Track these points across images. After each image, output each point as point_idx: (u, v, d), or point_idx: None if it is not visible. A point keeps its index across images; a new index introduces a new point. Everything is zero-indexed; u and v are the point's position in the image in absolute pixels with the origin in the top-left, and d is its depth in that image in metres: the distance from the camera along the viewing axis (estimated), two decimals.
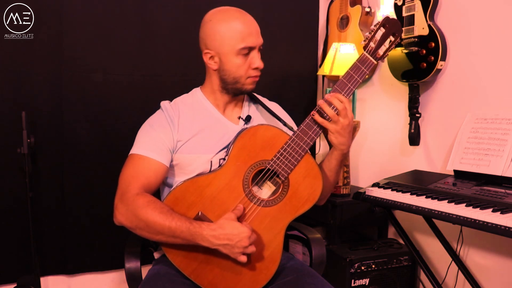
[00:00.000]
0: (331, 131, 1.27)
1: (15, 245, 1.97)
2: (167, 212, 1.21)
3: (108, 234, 2.10)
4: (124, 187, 1.27)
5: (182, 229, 1.18)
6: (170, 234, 1.19)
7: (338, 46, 2.21)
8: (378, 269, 1.99)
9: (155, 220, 1.19)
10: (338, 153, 1.32)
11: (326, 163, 1.38)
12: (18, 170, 1.89)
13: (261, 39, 1.34)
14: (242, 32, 1.29)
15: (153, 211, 1.20)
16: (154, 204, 1.23)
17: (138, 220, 1.22)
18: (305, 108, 2.47)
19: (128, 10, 2.07)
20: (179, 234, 1.18)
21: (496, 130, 1.64)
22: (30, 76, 1.94)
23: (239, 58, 1.32)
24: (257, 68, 1.34)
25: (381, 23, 1.28)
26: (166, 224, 1.19)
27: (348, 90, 1.28)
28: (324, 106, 1.26)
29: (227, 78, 1.35)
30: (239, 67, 1.33)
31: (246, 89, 1.38)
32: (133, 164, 1.30)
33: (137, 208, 1.22)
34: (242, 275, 1.26)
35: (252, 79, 1.36)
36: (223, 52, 1.32)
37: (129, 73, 2.09)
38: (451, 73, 1.93)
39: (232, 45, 1.30)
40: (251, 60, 1.33)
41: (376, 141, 2.30)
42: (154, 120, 1.39)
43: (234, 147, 1.29)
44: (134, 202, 1.23)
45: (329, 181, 1.38)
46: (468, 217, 1.36)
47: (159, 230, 1.20)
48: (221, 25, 1.31)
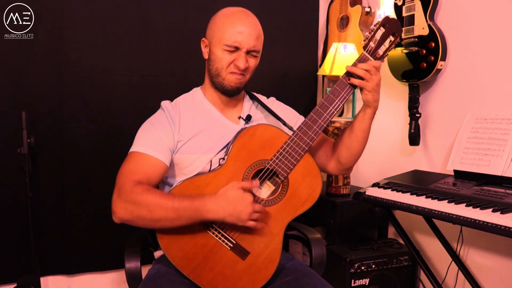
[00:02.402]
0: (368, 90, 1.27)
1: (15, 245, 1.97)
2: (167, 195, 1.21)
3: (108, 234, 2.10)
4: (122, 182, 1.25)
5: (185, 206, 1.18)
6: (174, 215, 1.18)
7: (338, 46, 2.21)
8: (378, 269, 1.99)
9: (157, 202, 1.18)
10: (372, 111, 1.32)
11: (358, 125, 1.36)
12: (18, 170, 1.89)
13: (252, 43, 1.32)
14: (233, 29, 1.30)
15: (153, 195, 1.20)
16: (153, 189, 1.23)
17: (138, 208, 1.20)
18: (305, 108, 2.47)
19: (128, 10, 2.07)
20: (183, 213, 1.18)
21: (496, 130, 1.64)
22: (30, 76, 1.94)
23: (224, 53, 1.32)
24: (238, 67, 1.33)
25: (381, 23, 1.28)
26: (169, 204, 1.18)
27: (348, 89, 1.29)
28: (353, 69, 1.26)
29: (212, 68, 1.37)
30: (221, 60, 1.33)
31: (228, 85, 1.36)
32: (132, 161, 1.30)
33: (136, 195, 1.20)
34: (241, 274, 1.26)
35: (233, 75, 1.35)
36: (212, 42, 1.35)
37: (129, 73, 2.10)
38: (451, 73, 1.93)
39: (219, 38, 1.32)
40: (236, 58, 1.32)
41: (376, 141, 2.30)
42: (155, 119, 1.39)
43: (233, 147, 1.29)
44: (132, 192, 1.21)
45: (362, 143, 1.38)
46: (468, 217, 1.36)
47: (161, 213, 1.18)
48: (220, 18, 1.35)
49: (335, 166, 1.45)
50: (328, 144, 1.48)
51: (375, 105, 1.32)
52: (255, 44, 1.33)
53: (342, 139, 1.41)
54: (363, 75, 1.26)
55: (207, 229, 1.25)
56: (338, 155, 1.42)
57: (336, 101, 1.29)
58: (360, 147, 1.39)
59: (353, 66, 1.27)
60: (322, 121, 1.28)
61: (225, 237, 1.25)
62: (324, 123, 1.28)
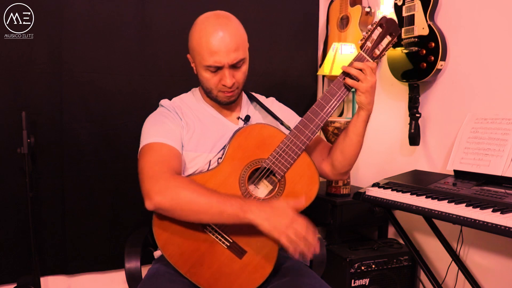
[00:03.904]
0: (361, 91, 1.27)
1: (15, 245, 1.97)
2: (209, 190, 1.18)
3: (108, 234, 2.11)
4: (152, 172, 1.19)
5: (231, 202, 1.15)
6: (217, 210, 1.14)
7: (338, 46, 2.21)
8: (378, 269, 1.99)
9: (203, 195, 1.16)
10: (365, 113, 1.32)
11: (352, 128, 1.35)
12: (18, 170, 1.89)
13: (232, 57, 1.26)
14: (209, 49, 1.25)
15: (198, 188, 1.17)
16: (195, 182, 1.20)
17: (179, 198, 1.15)
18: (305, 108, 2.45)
19: (128, 10, 2.07)
20: (228, 208, 1.14)
21: (496, 130, 1.64)
22: (30, 76, 1.94)
23: (207, 73, 1.30)
24: (226, 86, 1.30)
25: (378, 22, 1.28)
26: (213, 198, 1.15)
27: (344, 89, 1.29)
28: (348, 69, 1.26)
29: (202, 86, 1.36)
30: (208, 80, 1.32)
31: (221, 101, 1.37)
32: (153, 152, 1.25)
33: (178, 186, 1.16)
34: (238, 273, 1.26)
35: (223, 93, 1.33)
36: (195, 62, 1.33)
37: (129, 73, 2.10)
38: (451, 73, 1.93)
39: (199, 60, 1.29)
40: (221, 77, 1.30)
41: (376, 141, 2.30)
42: (162, 113, 1.37)
43: (230, 146, 1.29)
44: (175, 180, 1.17)
45: (356, 147, 1.37)
46: (468, 217, 1.35)
47: (205, 207, 1.15)
48: (194, 37, 1.30)
49: (329, 170, 1.44)
50: (324, 147, 1.48)
51: (369, 108, 1.31)
52: (236, 56, 1.27)
53: (337, 143, 1.41)
54: (357, 75, 1.26)
55: (204, 227, 1.25)
56: (332, 159, 1.41)
57: (333, 100, 1.29)
58: (354, 152, 1.38)
59: (348, 66, 1.27)
60: (319, 120, 1.28)
61: (222, 236, 1.25)
62: (321, 122, 1.29)
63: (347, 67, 1.27)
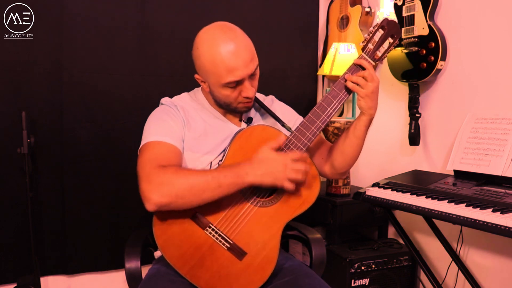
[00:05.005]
0: (361, 96, 1.27)
1: (15, 245, 1.97)
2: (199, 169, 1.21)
3: (108, 234, 2.10)
4: (148, 169, 1.19)
5: (225, 173, 1.17)
6: (215, 185, 1.16)
7: (338, 46, 2.21)
8: (378, 269, 1.99)
9: (196, 175, 1.18)
10: (367, 118, 1.32)
11: (353, 130, 1.36)
12: (18, 170, 1.89)
13: (250, 68, 1.25)
14: (226, 68, 1.23)
15: (189, 171, 1.20)
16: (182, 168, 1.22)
17: (176, 187, 1.16)
18: (305, 108, 2.46)
19: (128, 10, 2.07)
20: (224, 179, 1.16)
21: (496, 130, 1.64)
22: (30, 76, 1.94)
23: (226, 90, 1.29)
24: (248, 97, 1.30)
25: (380, 24, 1.28)
26: (208, 175, 1.17)
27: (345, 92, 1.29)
28: (350, 77, 1.27)
29: (218, 100, 1.36)
30: (228, 96, 1.31)
31: (240, 111, 1.38)
32: (151, 150, 1.25)
33: (170, 175, 1.17)
34: (238, 275, 1.25)
35: (244, 104, 1.34)
36: (210, 82, 1.31)
37: (129, 73, 2.09)
38: (451, 73, 1.93)
39: (216, 79, 1.27)
40: (241, 89, 1.29)
41: (376, 141, 2.30)
42: (163, 112, 1.36)
43: (231, 148, 1.29)
44: (165, 173, 1.17)
45: (357, 149, 1.38)
46: (468, 217, 1.35)
47: (203, 184, 1.16)
48: (205, 58, 1.26)
49: (329, 169, 1.45)
50: (324, 146, 1.48)
51: (370, 113, 1.31)
52: (253, 65, 1.27)
53: (337, 143, 1.41)
54: (357, 81, 1.26)
55: (204, 229, 1.25)
56: (332, 159, 1.42)
57: (334, 102, 1.29)
58: (354, 153, 1.39)
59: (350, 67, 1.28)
60: (320, 122, 1.28)
61: (222, 237, 1.25)
62: (322, 124, 1.29)
63: (349, 75, 1.28)
